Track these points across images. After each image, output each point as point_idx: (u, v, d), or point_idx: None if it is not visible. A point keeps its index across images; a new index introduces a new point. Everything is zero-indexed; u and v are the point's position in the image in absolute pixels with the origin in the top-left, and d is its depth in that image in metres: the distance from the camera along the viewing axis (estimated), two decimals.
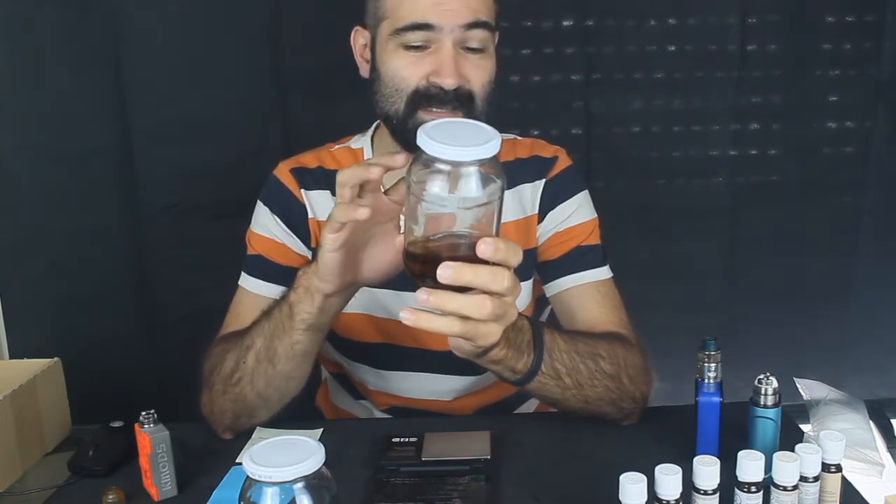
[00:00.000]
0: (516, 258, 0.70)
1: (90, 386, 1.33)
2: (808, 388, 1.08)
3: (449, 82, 0.98)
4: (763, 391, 0.89)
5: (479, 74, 1.01)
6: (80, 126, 1.60)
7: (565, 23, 1.63)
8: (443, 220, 0.69)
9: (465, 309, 0.70)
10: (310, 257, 1.12)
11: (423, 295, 0.70)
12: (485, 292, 0.70)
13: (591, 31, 1.63)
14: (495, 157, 0.67)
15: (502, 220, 0.72)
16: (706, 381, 0.89)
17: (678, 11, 1.64)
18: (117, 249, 1.65)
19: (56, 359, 1.17)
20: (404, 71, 0.99)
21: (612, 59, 1.65)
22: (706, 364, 0.89)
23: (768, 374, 0.89)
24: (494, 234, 0.70)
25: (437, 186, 0.67)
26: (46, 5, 1.54)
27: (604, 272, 1.11)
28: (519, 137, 1.17)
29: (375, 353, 1.16)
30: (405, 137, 1.02)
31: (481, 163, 0.67)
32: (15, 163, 1.60)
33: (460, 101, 1.00)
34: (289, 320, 0.90)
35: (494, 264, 0.70)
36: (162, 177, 1.64)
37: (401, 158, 0.79)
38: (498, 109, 1.08)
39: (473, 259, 0.69)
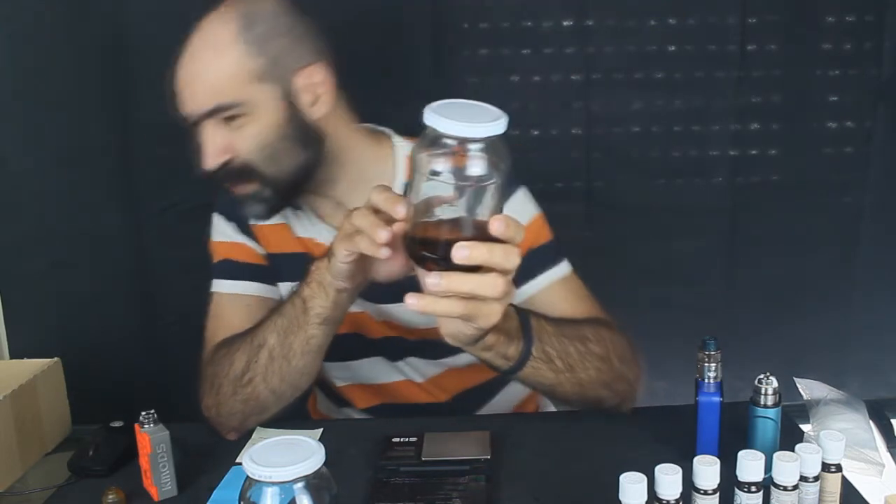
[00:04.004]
0: (522, 236, 0.71)
1: (90, 386, 1.33)
2: (808, 388, 1.08)
3: (207, 167, 1.01)
4: (763, 391, 0.89)
5: (245, 143, 1.01)
6: (80, 126, 1.60)
7: (565, 23, 1.63)
8: (447, 199, 0.69)
9: (479, 288, 0.70)
10: (264, 258, 1.15)
11: (434, 279, 0.69)
12: (493, 270, 0.70)
13: (591, 31, 1.63)
14: (500, 137, 0.68)
15: None
16: (706, 381, 0.90)
17: (678, 11, 1.64)
18: (118, 249, 1.65)
19: (56, 359, 1.17)
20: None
21: (612, 59, 1.65)
22: (706, 364, 0.89)
23: (768, 374, 0.89)
24: (499, 212, 0.70)
25: (442, 164, 0.67)
26: (48, 6, 1.54)
27: (562, 268, 1.09)
28: None
29: (342, 344, 1.17)
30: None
31: (488, 140, 0.67)
32: (15, 163, 1.60)
33: (240, 175, 1.02)
34: (303, 315, 0.91)
35: (503, 242, 0.70)
36: (162, 177, 1.64)
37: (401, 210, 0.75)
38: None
39: (479, 239, 0.69)
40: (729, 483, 0.78)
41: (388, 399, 1.21)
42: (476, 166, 0.67)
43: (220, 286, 1.14)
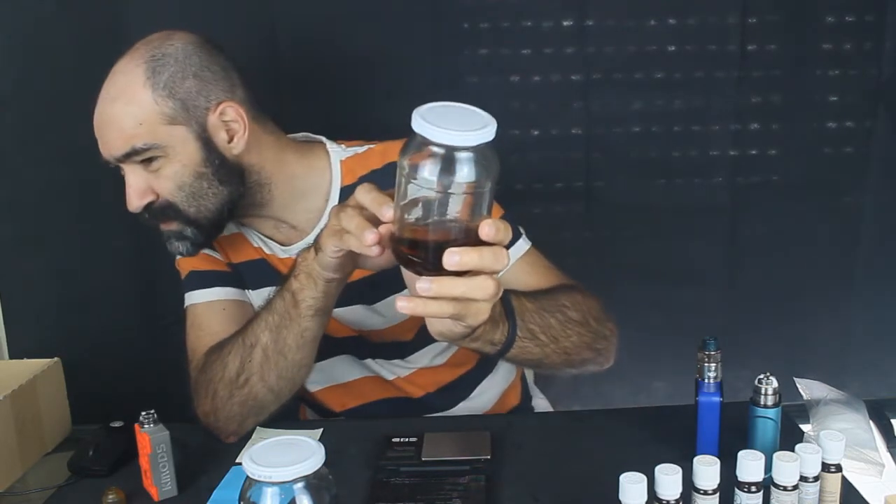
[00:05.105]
0: (510, 237, 0.71)
1: (90, 386, 1.33)
2: (808, 388, 1.08)
3: (131, 208, 1.03)
4: (763, 391, 0.89)
5: (164, 184, 1.02)
6: (80, 125, 1.59)
7: (565, 23, 1.63)
8: (434, 203, 0.68)
9: (470, 292, 0.70)
10: (227, 266, 1.15)
11: (425, 283, 0.69)
12: (482, 272, 0.70)
13: (591, 31, 1.63)
14: (490, 143, 0.67)
15: None
16: (706, 381, 0.90)
17: (678, 11, 1.64)
18: (118, 249, 1.64)
19: (56, 359, 1.17)
20: None
21: (612, 59, 1.65)
22: (706, 364, 0.89)
23: (768, 374, 0.90)
24: (488, 215, 0.70)
25: (430, 170, 0.66)
26: (48, 5, 1.54)
27: (521, 245, 1.09)
28: (373, 146, 1.14)
29: None
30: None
31: (477, 148, 0.66)
32: (15, 163, 1.60)
33: (164, 214, 1.04)
34: (294, 309, 0.91)
35: (491, 244, 0.70)
36: None
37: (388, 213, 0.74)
38: (498, 109, 1.06)
39: (467, 242, 0.69)
40: (729, 483, 0.78)
41: (362, 399, 1.21)
42: (464, 172, 0.66)
43: (193, 297, 1.15)
